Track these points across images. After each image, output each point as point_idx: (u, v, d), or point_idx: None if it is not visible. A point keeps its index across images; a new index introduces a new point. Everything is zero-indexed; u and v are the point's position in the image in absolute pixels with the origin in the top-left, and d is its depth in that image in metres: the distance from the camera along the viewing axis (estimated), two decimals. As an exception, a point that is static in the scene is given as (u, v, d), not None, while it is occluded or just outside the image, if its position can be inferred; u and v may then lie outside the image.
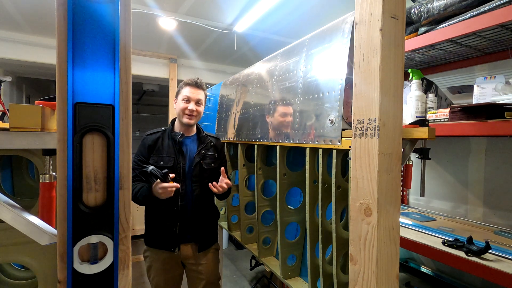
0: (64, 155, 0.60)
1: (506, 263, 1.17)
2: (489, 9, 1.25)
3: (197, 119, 1.64)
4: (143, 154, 1.59)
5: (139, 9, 2.63)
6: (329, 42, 1.18)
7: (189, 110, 1.58)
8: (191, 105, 1.59)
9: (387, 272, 0.78)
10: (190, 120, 1.60)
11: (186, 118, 1.59)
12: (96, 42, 0.61)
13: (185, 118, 1.60)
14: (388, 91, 0.77)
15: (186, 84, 1.63)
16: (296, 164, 1.61)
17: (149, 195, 1.44)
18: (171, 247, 1.58)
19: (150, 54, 3.95)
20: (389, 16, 0.76)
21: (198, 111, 1.62)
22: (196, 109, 1.60)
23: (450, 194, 1.93)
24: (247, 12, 2.72)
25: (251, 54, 3.93)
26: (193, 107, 1.59)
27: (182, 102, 1.60)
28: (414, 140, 1.07)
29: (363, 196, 0.80)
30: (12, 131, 0.85)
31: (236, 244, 4.16)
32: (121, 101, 0.63)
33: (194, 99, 1.60)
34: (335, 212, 1.11)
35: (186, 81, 1.64)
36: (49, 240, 0.69)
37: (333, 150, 1.09)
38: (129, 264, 0.66)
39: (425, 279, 1.93)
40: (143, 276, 2.66)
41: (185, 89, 1.62)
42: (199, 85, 1.63)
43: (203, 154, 1.64)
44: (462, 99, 1.80)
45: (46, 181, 0.89)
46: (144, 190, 1.45)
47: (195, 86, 1.62)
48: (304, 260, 1.54)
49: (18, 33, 3.26)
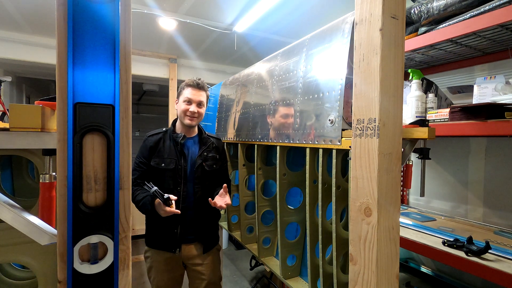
0: (64, 155, 0.60)
1: (506, 263, 1.17)
2: (489, 9, 1.25)
3: (198, 121, 1.63)
4: (145, 156, 1.58)
5: (139, 9, 2.63)
6: (329, 42, 1.18)
7: (190, 112, 1.57)
8: (193, 107, 1.57)
9: (387, 272, 0.78)
10: (191, 122, 1.58)
11: (188, 120, 1.58)
12: (96, 42, 0.61)
13: (186, 119, 1.58)
14: (388, 91, 0.77)
15: (187, 85, 1.61)
16: (296, 164, 1.61)
17: (151, 209, 1.43)
18: (172, 248, 1.57)
19: (150, 54, 3.95)
20: (389, 16, 0.76)
21: (199, 113, 1.60)
22: (197, 111, 1.59)
23: (450, 194, 1.93)
24: (247, 12, 2.72)
25: (251, 54, 3.93)
26: (195, 109, 1.58)
27: (184, 103, 1.58)
28: (414, 140, 1.07)
29: (363, 196, 0.80)
30: (12, 131, 0.85)
31: (236, 244, 4.16)
32: (121, 101, 0.63)
33: (196, 100, 1.59)
34: (335, 212, 1.11)
35: (187, 82, 1.62)
36: (49, 240, 0.69)
37: (333, 150, 1.09)
38: (129, 264, 0.66)
39: (425, 279, 1.93)
40: (143, 276, 2.66)
41: (186, 90, 1.60)
42: (200, 86, 1.61)
43: (205, 156, 1.63)
44: (462, 99, 1.80)
45: (46, 181, 0.89)
46: (146, 204, 1.44)
47: (196, 88, 1.60)
48: (304, 260, 1.54)
49: (18, 33, 3.26)
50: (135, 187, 1.52)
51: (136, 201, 1.47)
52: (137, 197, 1.48)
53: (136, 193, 1.49)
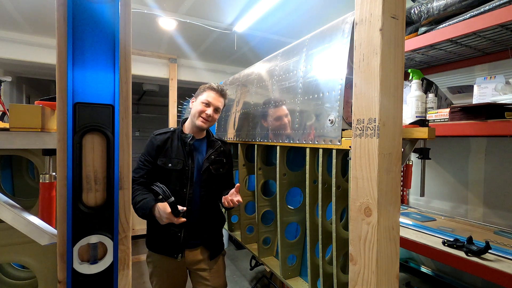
0: (64, 155, 0.60)
1: (506, 263, 1.17)
2: (489, 9, 1.25)
3: (210, 125, 1.61)
4: (151, 154, 1.53)
5: (139, 9, 2.63)
6: (329, 42, 1.18)
7: (206, 114, 1.54)
8: (209, 110, 1.55)
9: (387, 272, 0.78)
10: (204, 124, 1.56)
11: (201, 121, 1.55)
12: (96, 42, 0.61)
13: (199, 121, 1.55)
14: (388, 91, 0.77)
15: (211, 88, 1.59)
16: (296, 164, 1.61)
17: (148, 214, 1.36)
18: (174, 253, 1.53)
19: (150, 54, 3.95)
20: (389, 16, 0.76)
21: (213, 118, 1.58)
22: (212, 115, 1.57)
23: (450, 194, 1.93)
24: (247, 12, 2.72)
25: (251, 54, 3.93)
26: (211, 112, 1.55)
27: (201, 104, 1.56)
28: (414, 140, 1.07)
29: (363, 196, 0.80)
30: (12, 131, 0.85)
31: (236, 244, 4.16)
32: (121, 101, 0.63)
33: (214, 105, 1.57)
34: (335, 212, 1.11)
35: (211, 85, 1.60)
36: (49, 240, 0.69)
37: (333, 150, 1.09)
38: (129, 264, 0.66)
39: (425, 279, 1.93)
40: (143, 276, 2.66)
41: (208, 92, 1.58)
42: (223, 94, 1.61)
43: (212, 159, 1.60)
44: (462, 99, 1.80)
45: (46, 181, 0.89)
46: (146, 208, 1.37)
47: (219, 93, 1.59)
48: (304, 260, 1.54)
49: (18, 33, 3.26)
50: (137, 186, 1.47)
51: (134, 202, 1.41)
52: (136, 197, 1.42)
53: (137, 193, 1.43)
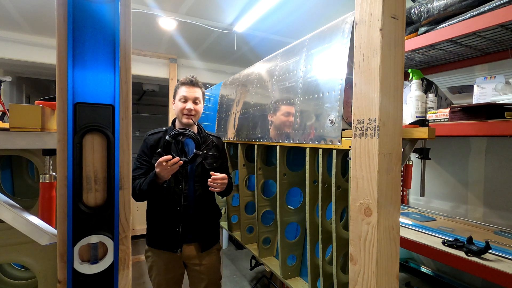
0: (64, 155, 0.60)
1: (506, 263, 1.17)
2: (489, 9, 1.24)
3: (196, 118, 1.64)
4: (147, 154, 1.59)
5: (139, 9, 2.63)
6: (329, 42, 1.18)
7: (187, 109, 1.58)
8: (189, 105, 1.58)
9: (387, 272, 0.78)
10: (189, 119, 1.59)
11: (185, 118, 1.59)
12: (96, 42, 0.61)
13: (184, 118, 1.59)
14: (388, 91, 0.77)
15: (181, 83, 1.62)
16: (296, 164, 1.61)
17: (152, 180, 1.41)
18: (173, 247, 1.58)
19: (150, 54, 3.95)
20: (389, 16, 0.76)
21: (196, 110, 1.61)
22: (194, 108, 1.59)
23: (450, 194, 1.93)
24: (247, 12, 2.72)
25: (251, 54, 3.93)
26: (191, 106, 1.58)
27: (180, 102, 1.60)
28: (414, 140, 1.07)
29: (363, 196, 0.80)
30: (12, 131, 0.85)
31: (236, 244, 4.15)
32: (121, 101, 0.63)
33: (191, 97, 1.59)
34: (335, 212, 1.11)
35: (181, 80, 1.63)
36: (49, 240, 0.69)
37: (333, 150, 1.09)
38: (129, 264, 0.66)
39: (425, 279, 1.93)
40: (143, 276, 2.66)
41: (181, 88, 1.61)
42: (194, 83, 1.62)
43: (205, 154, 1.64)
44: (462, 99, 1.80)
45: (46, 181, 0.89)
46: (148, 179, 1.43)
47: (190, 85, 1.61)
48: (304, 260, 1.54)
49: (18, 33, 3.26)
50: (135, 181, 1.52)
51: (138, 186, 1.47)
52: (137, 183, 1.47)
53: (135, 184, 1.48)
